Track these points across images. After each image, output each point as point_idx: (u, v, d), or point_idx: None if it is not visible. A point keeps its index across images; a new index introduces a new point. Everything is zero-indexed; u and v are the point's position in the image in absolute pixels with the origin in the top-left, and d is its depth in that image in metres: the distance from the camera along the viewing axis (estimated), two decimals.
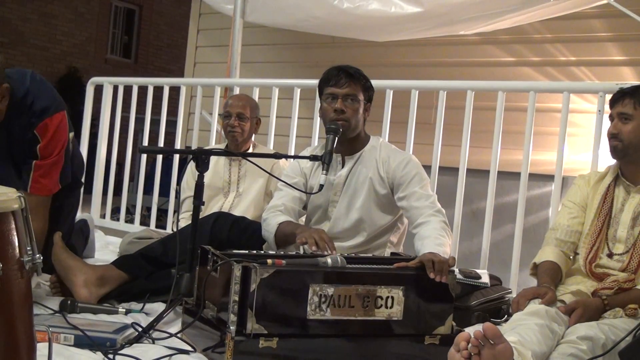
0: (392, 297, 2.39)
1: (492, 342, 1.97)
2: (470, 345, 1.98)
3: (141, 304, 2.88)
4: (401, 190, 2.97)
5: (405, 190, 2.96)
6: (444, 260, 2.47)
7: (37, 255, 1.59)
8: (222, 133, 4.02)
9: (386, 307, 2.38)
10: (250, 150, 3.89)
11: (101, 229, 5.12)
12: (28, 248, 1.58)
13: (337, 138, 2.94)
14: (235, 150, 3.79)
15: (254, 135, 3.98)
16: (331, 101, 2.98)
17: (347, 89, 2.96)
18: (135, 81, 5.24)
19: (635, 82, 3.16)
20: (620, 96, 2.65)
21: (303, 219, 3.34)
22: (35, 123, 2.96)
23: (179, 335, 2.52)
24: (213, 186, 3.77)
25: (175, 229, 3.09)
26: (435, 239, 2.71)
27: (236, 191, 3.85)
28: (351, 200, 3.03)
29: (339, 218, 3.05)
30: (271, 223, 2.97)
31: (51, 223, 3.14)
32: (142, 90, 5.09)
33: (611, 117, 2.67)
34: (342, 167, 3.07)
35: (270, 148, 4.32)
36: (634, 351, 2.07)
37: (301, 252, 2.74)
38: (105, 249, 4.36)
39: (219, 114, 4.51)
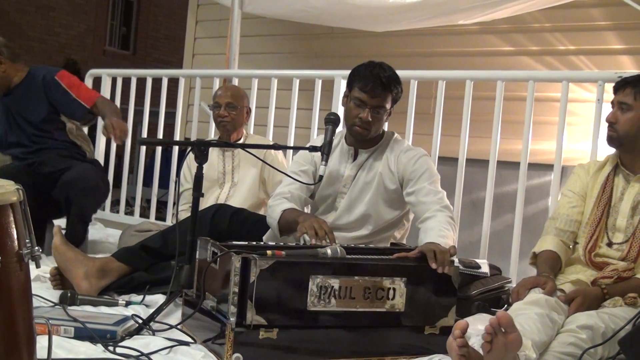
0: (395, 289, 2.39)
1: (504, 331, 1.97)
2: (485, 332, 1.99)
3: (141, 296, 2.89)
4: (410, 185, 2.95)
5: (414, 185, 2.93)
6: (445, 251, 2.46)
7: (37, 248, 1.59)
8: None
9: (388, 299, 2.39)
10: (242, 140, 3.90)
11: (101, 221, 5.13)
12: (27, 240, 1.58)
13: (335, 128, 2.95)
14: (226, 140, 3.80)
15: (247, 125, 3.99)
16: (359, 106, 2.93)
17: (378, 101, 2.92)
18: (134, 73, 5.23)
19: (637, 71, 3.16)
20: (622, 85, 2.64)
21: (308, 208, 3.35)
22: (50, 78, 3.94)
23: (179, 326, 2.53)
24: (208, 178, 3.76)
25: (175, 221, 3.09)
26: (439, 230, 2.69)
27: (231, 181, 3.86)
28: (359, 193, 3.02)
29: (346, 210, 3.04)
30: (276, 210, 2.96)
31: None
32: (141, 81, 5.08)
33: (612, 104, 2.67)
34: (354, 160, 3.06)
35: (269, 139, 4.32)
36: (634, 340, 2.07)
37: (301, 242, 2.74)
38: (105, 242, 4.37)
39: None
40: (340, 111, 4.05)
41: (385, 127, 3.85)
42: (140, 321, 2.49)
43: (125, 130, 3.76)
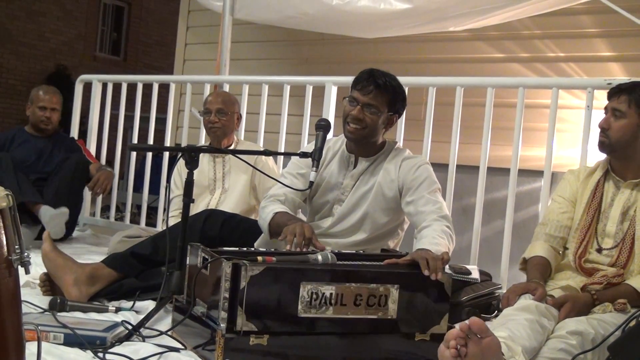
0: (387, 296, 2.38)
1: (478, 336, 1.97)
2: (456, 337, 1.98)
3: (131, 302, 2.88)
4: (409, 194, 2.92)
5: (414, 194, 2.91)
6: (437, 257, 2.45)
7: (26, 254, 1.58)
8: None
9: (379, 305, 2.38)
10: (232, 146, 3.90)
11: (91, 227, 5.11)
12: (16, 247, 1.57)
13: (326, 134, 2.95)
14: (217, 146, 3.80)
15: (237, 131, 4.01)
16: (350, 105, 2.93)
17: (369, 98, 2.90)
18: (125, 79, 5.22)
19: (626, 78, 3.17)
20: (617, 91, 2.64)
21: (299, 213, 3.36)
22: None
23: (169, 333, 2.51)
24: (199, 184, 3.75)
25: (165, 227, 3.08)
26: (432, 238, 2.67)
27: (222, 187, 3.86)
28: (358, 201, 3.01)
29: (342, 217, 3.03)
30: (268, 211, 2.95)
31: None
32: (132, 87, 5.07)
33: (605, 110, 2.67)
34: (354, 167, 3.06)
35: (260, 145, 4.32)
36: (623, 345, 2.08)
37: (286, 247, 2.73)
38: (95, 247, 4.36)
39: None
40: (331, 117, 4.08)
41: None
42: (130, 327, 2.48)
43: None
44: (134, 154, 5.22)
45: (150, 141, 5.04)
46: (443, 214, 2.84)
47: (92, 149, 5.18)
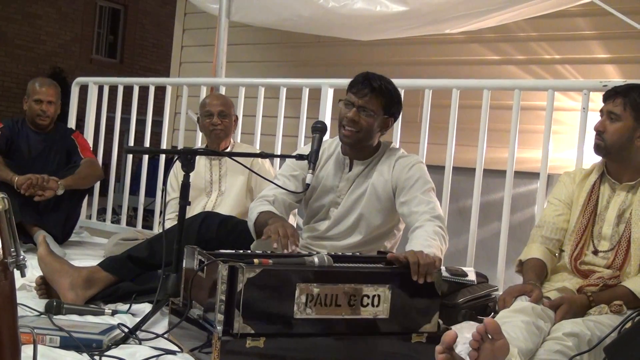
0: (379, 296, 2.39)
1: (491, 337, 1.97)
2: (472, 339, 1.99)
3: (127, 305, 2.88)
4: (403, 194, 2.92)
5: (407, 194, 2.91)
6: (430, 263, 2.44)
7: (22, 257, 1.58)
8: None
9: (372, 306, 2.38)
10: (229, 149, 3.90)
11: (87, 230, 5.11)
12: (12, 249, 1.57)
13: (322, 137, 2.95)
14: (217, 149, 3.81)
15: (233, 133, 4.01)
16: (346, 107, 2.94)
17: (364, 101, 2.90)
18: (121, 81, 5.22)
19: (622, 80, 3.18)
20: (613, 94, 2.64)
21: (294, 217, 3.35)
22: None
23: (165, 335, 2.51)
24: (195, 186, 3.75)
25: (161, 230, 3.08)
26: (425, 240, 2.66)
27: (218, 190, 3.86)
28: (353, 204, 3.01)
29: (338, 220, 3.03)
30: (254, 211, 2.96)
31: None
32: (128, 90, 5.07)
33: (601, 113, 2.67)
34: (350, 170, 3.06)
35: (257, 147, 4.33)
36: (620, 347, 2.08)
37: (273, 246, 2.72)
38: (91, 250, 4.36)
39: None
40: (327, 119, 4.08)
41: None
42: (126, 330, 2.48)
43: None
44: (130, 157, 5.21)
45: (147, 144, 5.04)
46: (436, 214, 2.84)
47: None
